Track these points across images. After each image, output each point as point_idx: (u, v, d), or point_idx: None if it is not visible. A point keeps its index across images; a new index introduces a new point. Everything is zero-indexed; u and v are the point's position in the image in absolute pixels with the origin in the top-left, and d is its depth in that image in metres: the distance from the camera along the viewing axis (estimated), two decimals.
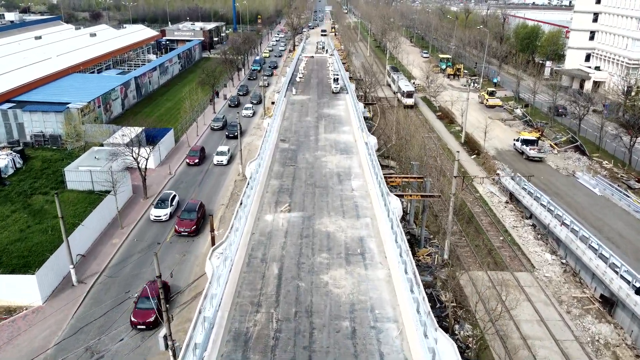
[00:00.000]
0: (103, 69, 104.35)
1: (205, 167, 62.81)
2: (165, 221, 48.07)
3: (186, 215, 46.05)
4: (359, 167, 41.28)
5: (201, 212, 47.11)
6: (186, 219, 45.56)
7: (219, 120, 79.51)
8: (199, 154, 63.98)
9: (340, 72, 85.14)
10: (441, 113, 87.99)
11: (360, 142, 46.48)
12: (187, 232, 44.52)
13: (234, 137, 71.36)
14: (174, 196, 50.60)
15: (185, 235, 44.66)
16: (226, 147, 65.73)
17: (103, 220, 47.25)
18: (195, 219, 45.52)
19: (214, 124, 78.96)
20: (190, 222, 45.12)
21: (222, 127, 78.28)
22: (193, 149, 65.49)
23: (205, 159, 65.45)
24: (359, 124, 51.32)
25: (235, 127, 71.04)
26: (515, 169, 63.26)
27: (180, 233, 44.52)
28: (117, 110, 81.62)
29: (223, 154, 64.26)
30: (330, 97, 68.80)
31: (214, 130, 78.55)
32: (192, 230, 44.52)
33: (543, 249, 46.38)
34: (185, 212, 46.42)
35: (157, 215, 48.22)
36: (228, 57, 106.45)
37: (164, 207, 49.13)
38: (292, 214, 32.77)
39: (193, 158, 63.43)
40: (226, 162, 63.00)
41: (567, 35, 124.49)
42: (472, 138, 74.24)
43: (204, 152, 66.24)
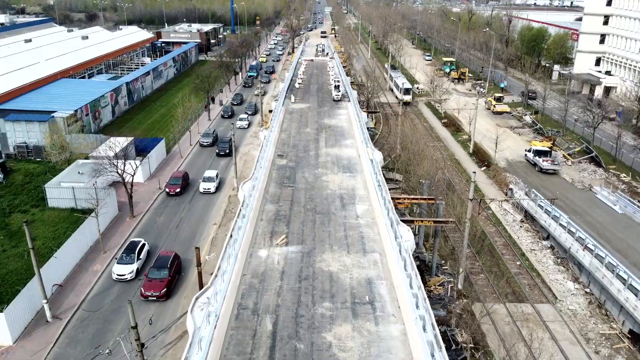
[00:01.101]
0: (94, 74, 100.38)
1: (189, 196, 54.09)
2: (131, 280, 38.58)
3: (155, 273, 36.81)
4: (364, 188, 37.38)
5: (175, 267, 38.16)
6: (155, 278, 36.42)
7: (209, 135, 71.26)
8: (180, 182, 54.89)
9: (341, 78, 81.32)
10: (447, 120, 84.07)
11: (364, 158, 42.60)
12: (157, 297, 35.58)
13: (225, 155, 64.95)
14: (142, 245, 41.41)
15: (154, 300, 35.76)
16: (214, 171, 57.10)
17: (84, 243, 43.29)
18: (167, 278, 36.42)
19: (203, 139, 70.59)
20: (160, 282, 36.07)
21: (213, 143, 69.94)
22: (174, 175, 56.56)
23: (189, 186, 56.66)
24: (363, 136, 47.43)
25: (227, 144, 65.11)
26: (528, 183, 59.44)
27: (148, 298, 35.54)
28: (107, 117, 77.67)
29: (210, 180, 55.36)
30: (331, 106, 64.90)
31: (203, 146, 69.95)
32: (162, 293, 35.62)
33: (564, 276, 42.45)
34: (154, 270, 37.12)
35: (120, 274, 38.82)
36: (224, 61, 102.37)
37: (129, 261, 39.60)
38: (289, 248, 28.82)
39: (174, 187, 54.35)
40: (214, 190, 54.67)
41: (572, 36, 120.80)
42: (480, 148, 70.32)
43: (187, 178, 57.25)
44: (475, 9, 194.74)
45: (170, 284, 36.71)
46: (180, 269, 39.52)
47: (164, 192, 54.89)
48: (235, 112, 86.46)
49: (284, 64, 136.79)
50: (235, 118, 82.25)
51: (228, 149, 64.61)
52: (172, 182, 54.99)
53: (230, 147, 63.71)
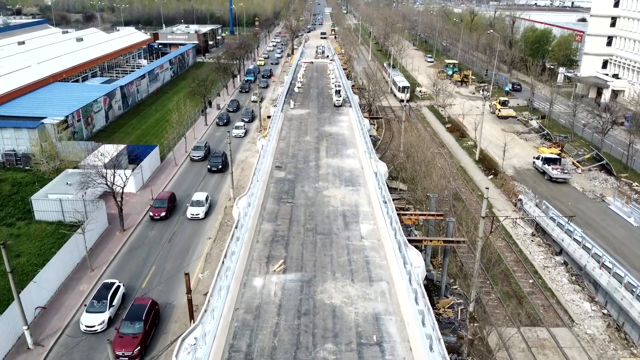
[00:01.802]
0: (89, 77, 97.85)
1: (174, 222, 48.26)
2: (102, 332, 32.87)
3: (128, 327, 30.92)
4: (368, 204, 34.91)
5: (152, 318, 32.47)
6: (128, 333, 30.54)
7: (200, 148, 65.42)
8: (166, 205, 49.16)
9: (342, 81, 78.84)
10: (451, 125, 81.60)
11: (368, 170, 40.12)
12: (129, 356, 29.74)
13: (217, 170, 60.04)
14: (117, 288, 35.54)
15: None
16: (203, 194, 50.64)
17: (70, 261, 40.77)
18: (141, 333, 30.68)
19: (194, 153, 64.70)
20: (133, 339, 30.24)
21: (205, 157, 64.23)
22: (159, 196, 50.82)
23: (176, 208, 51.01)
24: (366, 146, 44.93)
25: (220, 158, 60.45)
26: (537, 192, 56.97)
27: (119, 358, 29.55)
28: (100, 123, 75.16)
29: (199, 204, 49.10)
30: (331, 112, 62.40)
31: (194, 161, 64.27)
32: (135, 353, 29.80)
33: (580, 296, 39.97)
34: (126, 323, 31.25)
35: (89, 325, 32.97)
36: (222, 64, 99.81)
37: (100, 309, 33.57)
38: (287, 276, 26.27)
39: (158, 210, 48.57)
40: (203, 215, 48.54)
41: (575, 38, 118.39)
42: (487, 155, 67.85)
43: (174, 199, 51.61)
44: (477, 9, 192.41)
45: (146, 340, 31.12)
46: (158, 318, 33.79)
47: (146, 215, 49.36)
48: (231, 120, 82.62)
49: (283, 66, 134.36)
50: (231, 126, 78.53)
51: (221, 164, 60.21)
52: (157, 205, 49.26)
53: (223, 161, 60.46)
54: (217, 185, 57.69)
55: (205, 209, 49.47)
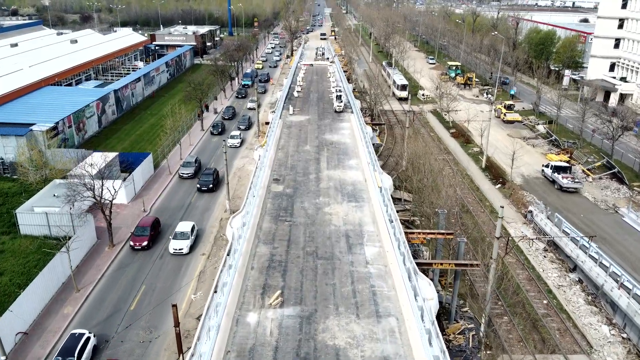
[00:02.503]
0: (82, 80, 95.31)
1: (156, 254, 42.60)
2: None
3: None
4: (373, 222, 32.39)
5: None
6: None
7: (190, 164, 59.41)
8: (148, 232, 43.53)
9: (343, 85, 76.38)
10: (455, 130, 79.08)
11: (371, 183, 37.62)
12: None
13: (208, 190, 54.47)
14: (86, 340, 30.73)
15: None
16: (189, 224, 44.11)
17: (54, 281, 38.27)
18: None
19: (183, 170, 58.60)
20: None
21: (195, 174, 58.54)
22: (141, 223, 44.91)
23: (160, 235, 45.24)
24: (369, 157, 42.41)
25: (211, 176, 54.82)
26: (547, 202, 54.49)
27: None
28: (92, 128, 72.62)
29: (183, 236, 42.62)
30: (332, 118, 59.88)
31: (183, 178, 58.41)
32: None
33: (598, 318, 37.47)
34: None
35: None
36: (219, 67, 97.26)
37: None
38: (285, 311, 23.65)
39: (140, 239, 43.14)
40: (187, 250, 42.21)
41: (579, 39, 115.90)
42: (494, 162, 65.36)
43: (158, 226, 45.86)
44: (479, 10, 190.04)
45: None
46: None
47: (126, 245, 43.94)
48: (226, 128, 77.86)
49: (282, 68, 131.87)
50: (227, 134, 74.21)
51: (212, 182, 54.40)
52: (138, 233, 43.63)
53: (215, 179, 55.24)
54: (208, 208, 52.03)
55: (190, 242, 42.98)
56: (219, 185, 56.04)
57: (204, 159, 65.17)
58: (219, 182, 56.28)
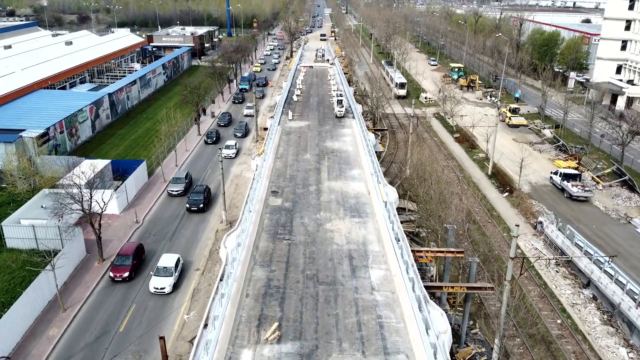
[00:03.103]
0: (77, 83, 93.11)
1: (137, 288, 37.78)
2: None
3: None
4: (378, 241, 30.23)
5: None
6: None
7: (180, 180, 54.49)
8: (130, 261, 39.03)
9: (343, 89, 74.23)
10: (460, 135, 76.90)
11: (375, 196, 35.45)
12: None
13: (198, 210, 49.65)
14: None
15: None
16: (173, 257, 38.91)
17: (40, 300, 36.12)
18: None
19: (172, 187, 53.69)
20: None
21: (185, 191, 53.55)
22: (122, 251, 40.39)
23: (144, 263, 40.91)
24: (373, 167, 40.23)
25: (201, 195, 49.99)
26: (557, 212, 52.39)
27: None
28: (85, 134, 70.41)
29: (166, 272, 37.43)
30: (333, 123, 57.73)
31: (172, 196, 53.44)
32: None
33: (615, 340, 35.33)
34: None
35: None
36: (217, 69, 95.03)
37: None
38: (282, 347, 21.30)
39: (121, 270, 38.63)
40: (170, 289, 36.96)
41: (582, 40, 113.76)
42: (500, 169, 63.17)
43: (142, 253, 41.47)
44: (482, 10, 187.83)
45: None
46: None
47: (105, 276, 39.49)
48: (221, 136, 73.55)
49: (282, 70, 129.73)
50: (222, 142, 69.93)
51: (202, 202, 49.48)
52: (119, 263, 39.24)
53: (206, 198, 50.40)
54: (197, 232, 46.68)
55: (174, 279, 37.63)
56: (210, 204, 51.73)
57: (198, 169, 62.58)
58: (210, 200, 52.05)
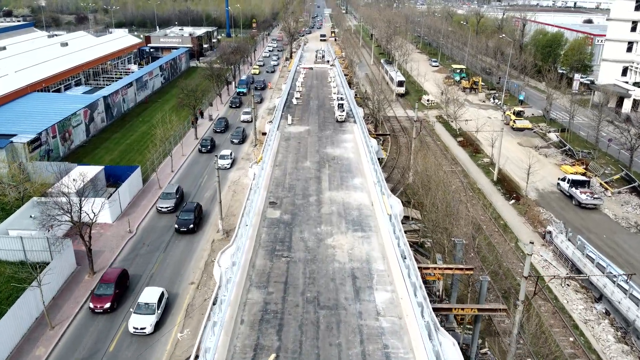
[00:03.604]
0: (72, 85, 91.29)
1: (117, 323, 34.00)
2: None
3: None
4: (383, 258, 28.42)
5: None
6: None
7: (170, 196, 50.28)
8: (113, 290, 35.41)
9: (344, 92, 72.35)
10: (463, 139, 75.12)
11: (379, 208, 33.65)
12: None
13: (188, 231, 45.34)
14: None
15: None
16: (156, 291, 34.84)
17: (26, 317, 34.31)
18: None
19: (162, 202, 49.72)
20: None
21: (175, 208, 49.53)
22: (104, 278, 36.58)
23: (128, 289, 37.57)
24: (376, 176, 38.41)
25: (192, 214, 45.80)
26: (565, 220, 50.63)
27: None
28: (79, 138, 68.59)
29: (147, 309, 33.17)
30: (334, 128, 55.93)
31: (161, 212, 49.57)
32: None
33: (631, 359, 33.53)
34: None
35: None
36: (215, 71, 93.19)
37: None
38: None
39: (102, 300, 34.90)
40: (151, 329, 32.84)
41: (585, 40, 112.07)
42: (506, 175, 61.38)
43: (126, 280, 37.85)
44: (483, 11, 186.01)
45: None
46: None
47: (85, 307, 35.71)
48: (216, 144, 69.89)
49: (281, 71, 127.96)
50: (218, 150, 66.27)
51: (192, 222, 45.38)
52: (100, 293, 35.43)
53: (196, 216, 46.21)
54: (192, 242, 43.90)
55: (157, 317, 33.40)
56: (202, 223, 47.71)
57: (194, 175, 60.64)
58: (202, 219, 48.13)
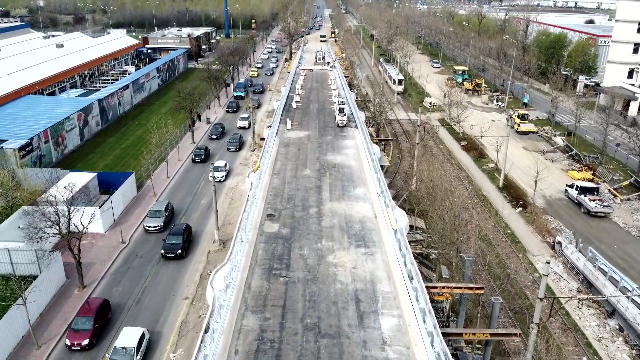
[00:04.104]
0: (67, 88, 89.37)
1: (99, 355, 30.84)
2: None
3: None
4: (388, 278, 26.61)
5: None
6: None
7: (158, 213, 45.90)
8: (91, 325, 31.78)
9: (345, 95, 70.68)
10: (467, 143, 73.33)
11: (383, 221, 31.87)
12: None
13: (176, 257, 40.75)
14: None
15: None
16: (137, 332, 30.70)
17: (12, 335, 32.56)
18: None
19: (149, 221, 45.61)
20: None
21: (164, 227, 45.26)
22: (82, 311, 33.36)
23: (110, 322, 33.97)
24: (379, 185, 36.63)
25: (179, 238, 41.00)
26: (575, 230, 48.89)
27: None
28: (73, 142, 66.77)
29: (125, 355, 29.01)
30: (335, 133, 54.18)
31: (149, 232, 45.48)
32: None
33: None
34: None
35: None
36: (213, 72, 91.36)
37: None
38: None
39: (79, 336, 31.32)
40: None
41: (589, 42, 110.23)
42: (512, 181, 59.60)
43: (108, 310, 34.40)
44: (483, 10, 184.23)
45: None
46: None
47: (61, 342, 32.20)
48: (211, 153, 65.92)
49: (281, 72, 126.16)
50: (213, 159, 62.43)
51: (180, 247, 40.68)
52: (77, 327, 31.89)
53: (185, 240, 41.57)
54: (180, 271, 39.72)
55: None
56: (191, 246, 42.83)
57: (190, 182, 58.14)
58: (191, 242, 43.25)
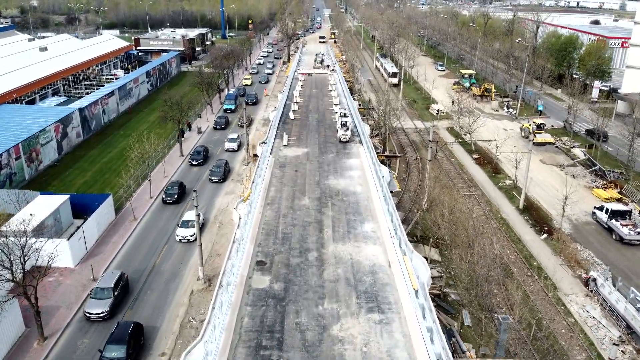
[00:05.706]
0: (49, 95, 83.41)
1: None
2: None
3: None
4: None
5: None
6: None
7: (105, 293, 34.41)
8: None
9: (347, 102, 64.81)
10: (480, 156, 67.50)
11: (399, 272, 25.98)
12: None
13: None
14: None
15: None
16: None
17: None
18: None
19: (91, 307, 34.12)
20: None
21: (111, 313, 34.04)
22: None
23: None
24: (391, 221, 30.71)
25: (123, 349, 28.98)
26: (607, 261, 43.17)
27: None
28: (49, 157, 60.89)
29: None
30: (337, 151, 48.31)
31: (91, 321, 34.05)
32: None
33: None
34: None
35: None
36: (205, 77, 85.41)
37: None
38: None
39: None
40: None
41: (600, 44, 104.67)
42: (533, 202, 53.78)
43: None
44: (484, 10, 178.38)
45: None
46: None
47: None
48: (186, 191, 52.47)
49: (278, 76, 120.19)
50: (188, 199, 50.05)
51: (126, 355, 29.10)
52: None
53: (133, 345, 29.76)
54: (167, 293, 36.33)
55: None
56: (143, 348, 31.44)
57: (171, 210, 50.72)
58: (142, 347, 31.40)
